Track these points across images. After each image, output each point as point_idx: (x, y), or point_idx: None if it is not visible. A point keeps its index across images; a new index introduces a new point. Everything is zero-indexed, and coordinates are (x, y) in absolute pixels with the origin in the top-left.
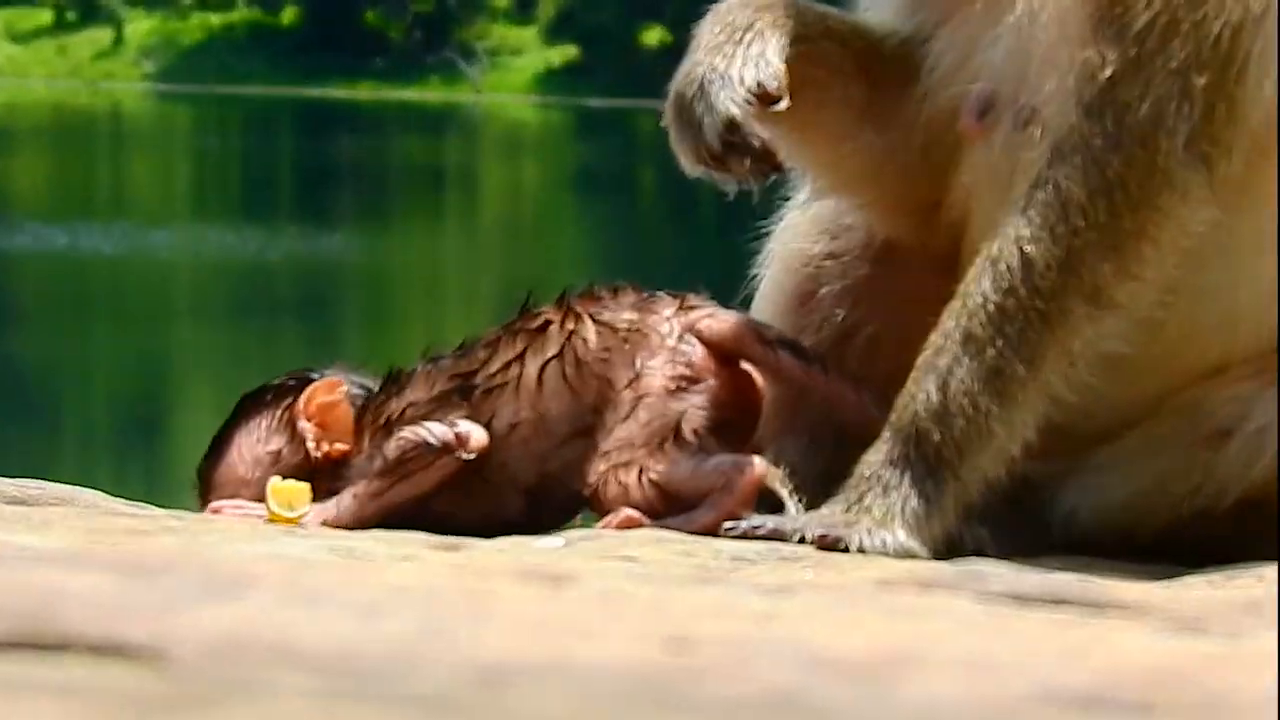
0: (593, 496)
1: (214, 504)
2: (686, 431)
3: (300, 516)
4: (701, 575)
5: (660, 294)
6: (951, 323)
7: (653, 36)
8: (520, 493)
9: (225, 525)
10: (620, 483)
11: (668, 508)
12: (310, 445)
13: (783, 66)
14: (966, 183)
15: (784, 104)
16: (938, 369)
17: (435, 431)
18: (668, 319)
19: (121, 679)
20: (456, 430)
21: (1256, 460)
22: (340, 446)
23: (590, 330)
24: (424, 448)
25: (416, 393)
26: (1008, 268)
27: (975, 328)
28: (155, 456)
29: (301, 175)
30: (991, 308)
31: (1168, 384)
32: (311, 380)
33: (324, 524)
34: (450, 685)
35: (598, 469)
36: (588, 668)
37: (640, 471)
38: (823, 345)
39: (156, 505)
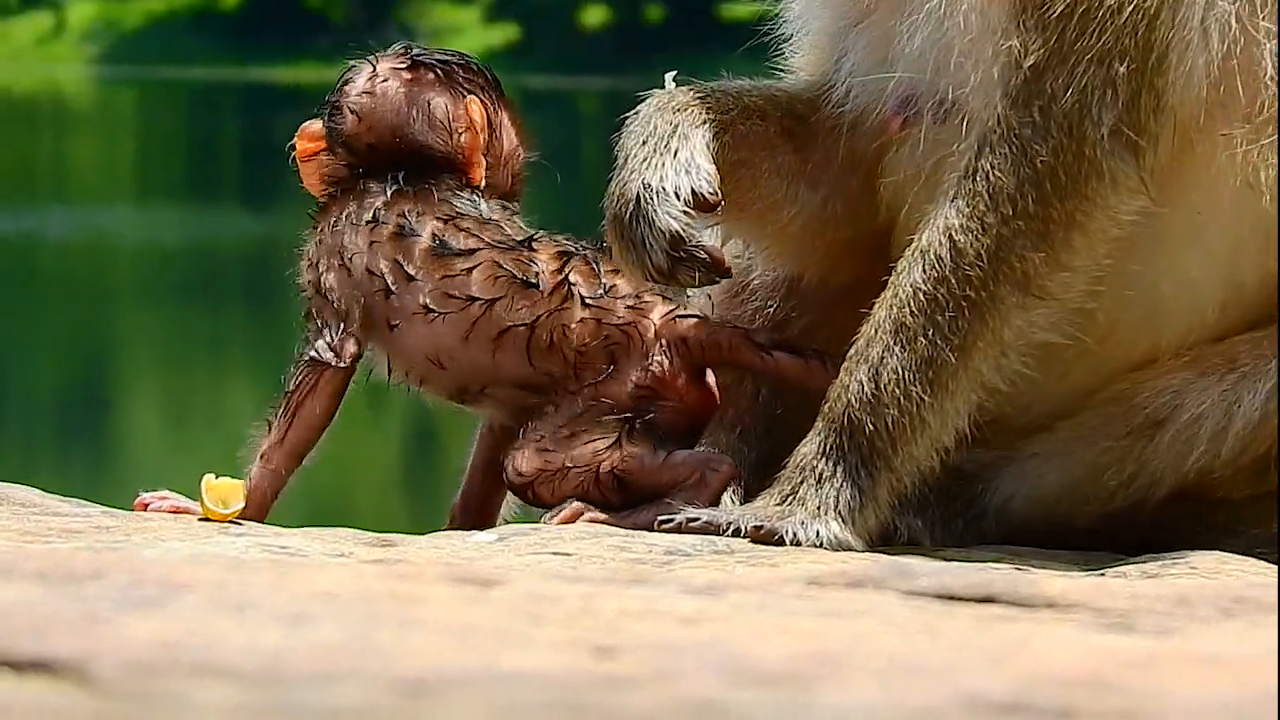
0: (527, 487)
1: (144, 498)
2: (642, 429)
3: (234, 513)
4: (633, 573)
5: (656, 296)
6: (883, 313)
7: (594, 16)
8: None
9: (159, 524)
10: (576, 479)
11: (625, 500)
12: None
13: (713, 168)
14: (893, 182)
15: (721, 207)
16: (869, 359)
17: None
18: (655, 324)
19: (44, 695)
20: (331, 347)
21: (1190, 450)
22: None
23: (575, 314)
24: (303, 369)
25: (354, 223)
26: (938, 257)
27: (906, 317)
28: (99, 443)
29: (246, 157)
30: (923, 297)
31: (1097, 375)
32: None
33: (246, 505)
34: (373, 697)
35: (541, 460)
36: (511, 676)
37: (599, 467)
38: None
39: (100, 493)
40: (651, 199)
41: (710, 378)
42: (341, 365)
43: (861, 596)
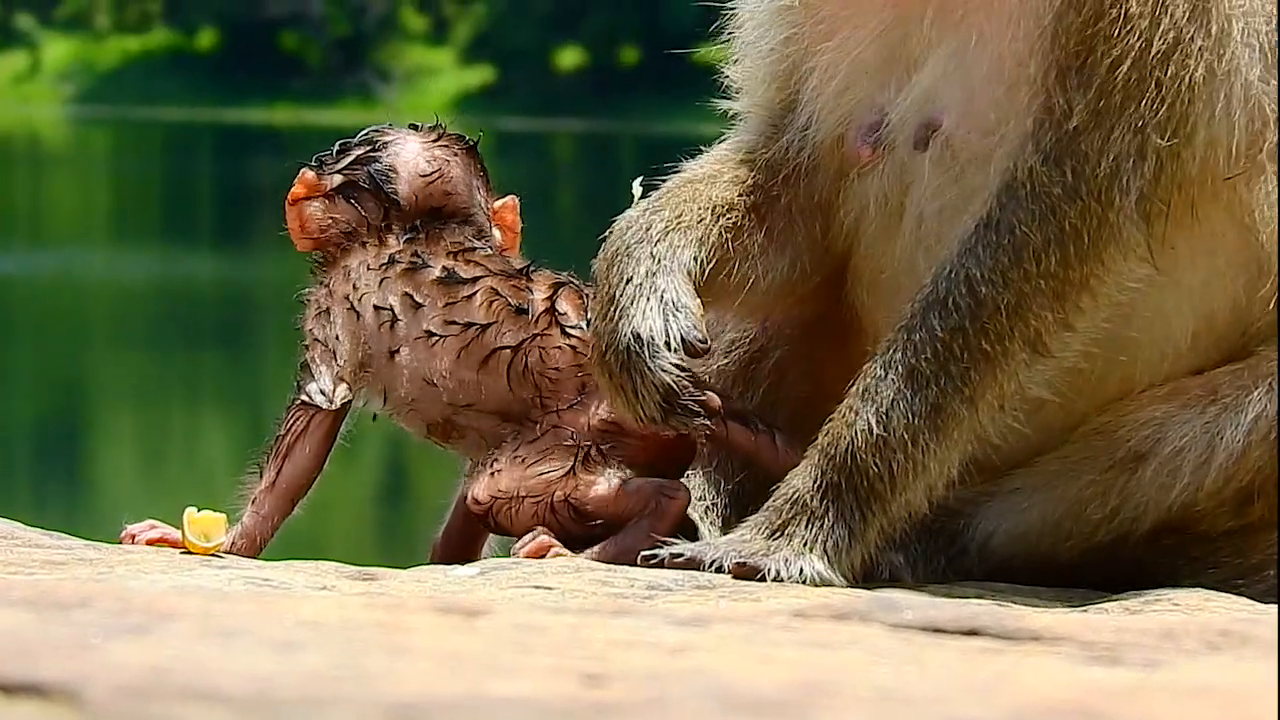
0: (486, 514)
1: (129, 530)
2: (598, 457)
3: (216, 546)
4: (616, 605)
5: None
6: (897, 355)
7: (569, 58)
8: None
9: (141, 556)
10: (531, 507)
11: (586, 530)
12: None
13: (698, 304)
14: (853, 208)
15: (711, 346)
16: (878, 401)
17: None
18: None
19: (37, 718)
20: (322, 391)
21: (1173, 483)
22: (303, 244)
23: (555, 340)
24: (294, 412)
25: (370, 268)
26: (956, 306)
27: (920, 363)
28: (73, 483)
29: (221, 197)
30: (939, 345)
31: (1071, 407)
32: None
33: (234, 550)
34: None
35: (495, 488)
36: (501, 702)
37: (553, 495)
38: (730, 370)
39: (75, 533)
40: (642, 351)
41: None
42: (332, 408)
43: (847, 629)
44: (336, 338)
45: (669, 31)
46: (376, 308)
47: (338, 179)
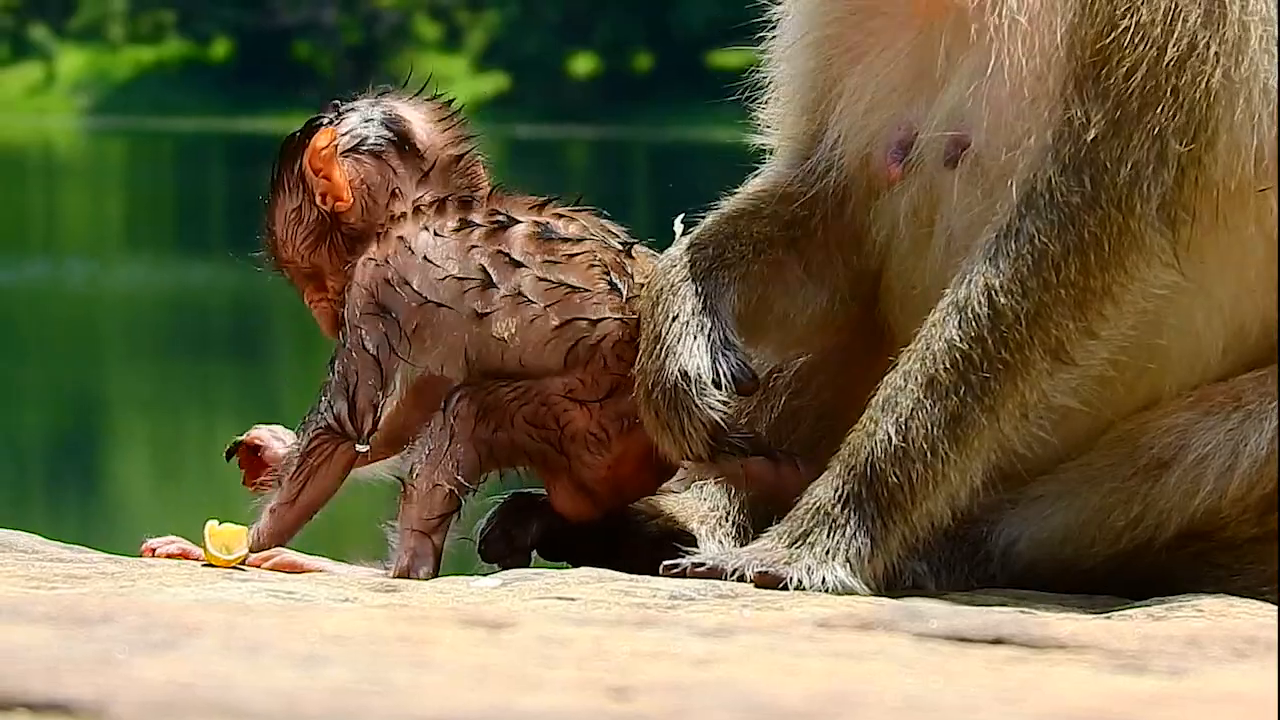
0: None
1: (150, 543)
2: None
3: (238, 559)
4: (641, 616)
5: None
6: (916, 365)
7: (582, 65)
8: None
9: (163, 569)
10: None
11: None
12: (317, 199)
13: (741, 340)
14: (884, 226)
15: (758, 383)
16: (898, 411)
17: (334, 412)
18: None
19: None
20: (353, 421)
21: (1197, 490)
22: (340, 203)
23: (629, 332)
24: (321, 435)
25: (441, 235)
26: (975, 316)
27: (939, 373)
28: (89, 495)
29: (234, 208)
30: (958, 354)
31: (1098, 417)
32: (319, 126)
33: (250, 550)
34: None
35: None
36: (527, 716)
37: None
38: None
39: (91, 543)
40: (690, 389)
41: (656, 467)
42: (360, 450)
43: (872, 639)
44: (393, 343)
45: (680, 37)
46: (459, 278)
47: (349, 139)
